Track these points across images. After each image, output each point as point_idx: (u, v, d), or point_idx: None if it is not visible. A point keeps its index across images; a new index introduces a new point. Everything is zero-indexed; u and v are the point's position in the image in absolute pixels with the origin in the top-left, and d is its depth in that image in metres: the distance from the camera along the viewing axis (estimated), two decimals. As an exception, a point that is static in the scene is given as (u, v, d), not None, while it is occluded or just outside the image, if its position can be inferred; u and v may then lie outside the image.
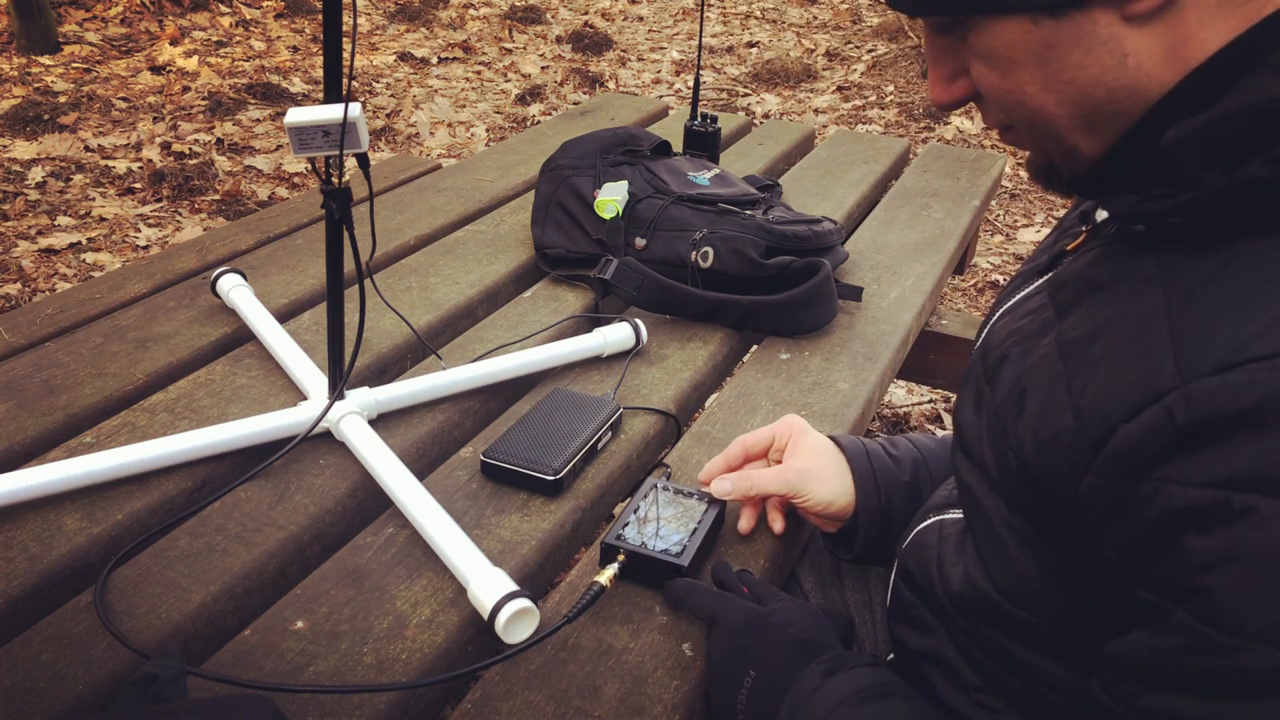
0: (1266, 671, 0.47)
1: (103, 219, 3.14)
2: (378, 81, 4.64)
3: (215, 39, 5.00)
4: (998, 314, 0.77)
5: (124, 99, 4.11)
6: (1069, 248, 0.72)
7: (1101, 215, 0.70)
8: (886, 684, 0.76)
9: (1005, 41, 0.59)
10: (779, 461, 0.99)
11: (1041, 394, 0.62)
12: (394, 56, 5.01)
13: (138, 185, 3.37)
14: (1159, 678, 0.52)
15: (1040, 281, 0.73)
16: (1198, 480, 0.49)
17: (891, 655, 0.88)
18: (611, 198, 1.47)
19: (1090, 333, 0.60)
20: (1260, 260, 0.53)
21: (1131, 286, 0.59)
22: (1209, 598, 0.49)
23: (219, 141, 3.77)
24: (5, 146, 3.56)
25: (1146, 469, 0.52)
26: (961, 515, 0.76)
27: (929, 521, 0.85)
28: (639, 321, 1.30)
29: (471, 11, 6.00)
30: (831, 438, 0.99)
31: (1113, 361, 0.57)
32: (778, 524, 0.99)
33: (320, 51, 1.25)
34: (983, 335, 0.77)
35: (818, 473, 0.94)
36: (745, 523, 0.99)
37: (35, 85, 4.18)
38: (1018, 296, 0.76)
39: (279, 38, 5.16)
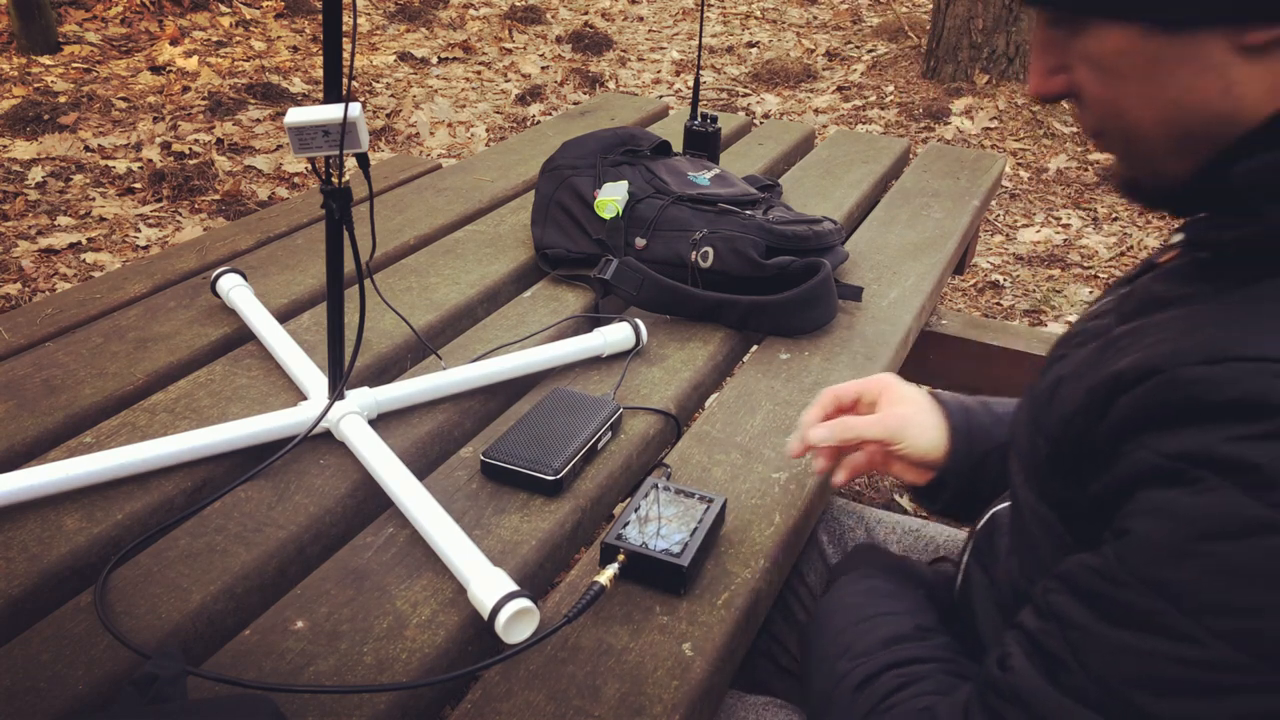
0: (1140, 613, 0.53)
1: (103, 219, 3.14)
2: (378, 81, 4.64)
3: (215, 39, 5.00)
4: (1078, 320, 0.80)
5: (124, 99, 4.11)
6: (1159, 261, 0.73)
7: (1178, 236, 0.71)
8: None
9: (1114, 49, 0.60)
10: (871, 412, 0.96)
11: (1072, 381, 0.65)
12: (394, 56, 5.01)
13: (138, 185, 3.37)
14: (1071, 586, 0.59)
15: (1122, 292, 0.74)
16: (1165, 451, 0.54)
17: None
18: (611, 198, 1.47)
19: (1124, 332, 0.63)
20: (1277, 291, 0.56)
21: (1179, 307, 0.61)
22: (1129, 538, 0.55)
23: (219, 141, 3.77)
24: (5, 146, 3.56)
25: (1131, 435, 0.57)
26: None
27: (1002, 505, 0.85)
28: (639, 321, 1.30)
29: (471, 11, 6.00)
30: (930, 390, 0.97)
31: (1127, 352, 0.60)
32: (841, 476, 0.95)
33: (320, 51, 1.24)
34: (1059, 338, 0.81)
35: (916, 418, 0.92)
36: (841, 476, 0.96)
37: (35, 85, 4.18)
38: (1098, 305, 0.77)
39: (279, 38, 5.16)
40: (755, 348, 1.38)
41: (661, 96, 4.68)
